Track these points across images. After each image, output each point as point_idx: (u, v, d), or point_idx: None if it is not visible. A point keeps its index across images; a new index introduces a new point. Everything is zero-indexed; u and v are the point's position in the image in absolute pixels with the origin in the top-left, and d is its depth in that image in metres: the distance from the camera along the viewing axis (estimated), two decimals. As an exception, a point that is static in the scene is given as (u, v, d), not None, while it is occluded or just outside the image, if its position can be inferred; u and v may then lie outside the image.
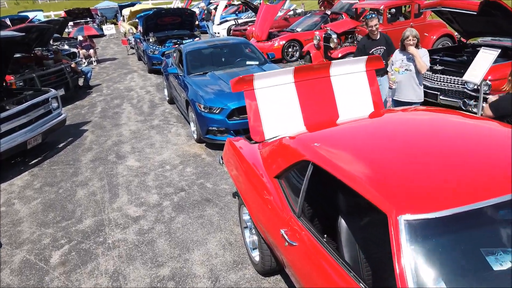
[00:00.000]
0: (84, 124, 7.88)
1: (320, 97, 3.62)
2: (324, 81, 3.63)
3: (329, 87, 3.63)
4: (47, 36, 11.66)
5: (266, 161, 3.02)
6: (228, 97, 5.73)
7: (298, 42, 11.85)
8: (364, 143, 2.34)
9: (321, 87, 3.62)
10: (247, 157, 3.37)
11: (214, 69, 6.92)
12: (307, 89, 3.59)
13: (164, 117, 7.80)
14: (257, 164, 3.14)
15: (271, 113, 3.51)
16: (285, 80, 3.54)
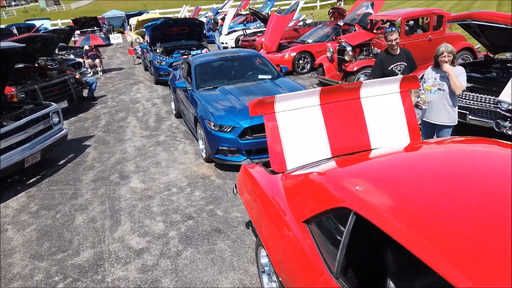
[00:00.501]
0: (87, 139, 7.51)
1: (349, 121, 3.20)
2: (353, 103, 3.21)
3: (359, 110, 3.21)
4: (51, 46, 11.41)
5: (292, 199, 2.59)
6: (240, 115, 5.33)
7: (310, 54, 11.48)
8: (420, 188, 1.90)
9: (350, 110, 3.20)
10: (268, 190, 2.94)
11: (225, 83, 6.54)
12: (335, 112, 3.17)
13: (170, 133, 7.41)
14: (280, 201, 2.71)
15: (294, 140, 3.09)
16: (310, 103, 3.13)
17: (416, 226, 1.61)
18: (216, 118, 5.36)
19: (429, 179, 1.97)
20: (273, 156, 3.06)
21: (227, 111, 5.46)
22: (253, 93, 5.99)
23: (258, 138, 5.23)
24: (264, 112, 3.07)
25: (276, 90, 6.05)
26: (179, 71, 8.14)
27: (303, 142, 3.10)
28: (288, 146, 3.06)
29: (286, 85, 6.27)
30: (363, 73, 8.40)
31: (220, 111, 5.48)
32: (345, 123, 3.19)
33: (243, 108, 5.46)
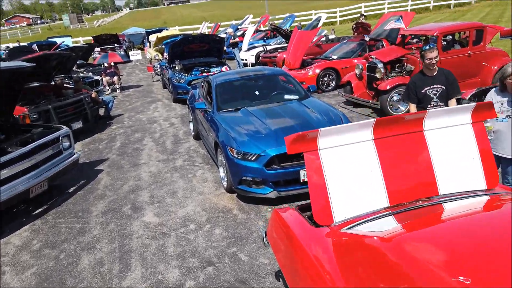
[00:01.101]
0: (100, 162, 7.04)
1: (410, 159, 2.56)
2: (415, 137, 2.58)
3: (423, 146, 2.58)
4: (69, 64, 11.18)
5: (346, 269, 1.96)
6: (266, 141, 4.74)
7: (335, 70, 10.89)
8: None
9: (412, 146, 2.57)
10: (308, 247, 2.32)
11: (248, 104, 5.99)
12: (392, 148, 2.55)
13: (188, 156, 6.87)
14: (327, 263, 2.09)
15: (342, 183, 2.47)
16: (361, 137, 2.51)
17: None
18: (239, 144, 4.79)
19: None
20: (316, 204, 2.44)
21: (251, 136, 4.88)
22: (279, 115, 5.41)
23: (286, 168, 4.63)
24: (305, 150, 2.46)
25: (304, 112, 5.46)
26: (198, 90, 7.66)
27: (354, 187, 2.47)
28: (335, 191, 2.44)
29: (315, 107, 5.67)
30: (397, 92, 7.73)
31: (243, 137, 4.91)
32: (405, 162, 2.55)
33: (269, 133, 4.88)
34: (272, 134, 4.84)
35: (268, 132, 4.91)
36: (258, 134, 4.90)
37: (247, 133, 4.96)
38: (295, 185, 4.72)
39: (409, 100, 4.54)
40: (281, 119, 5.25)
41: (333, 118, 5.21)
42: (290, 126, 5.00)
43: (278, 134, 4.82)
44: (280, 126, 5.02)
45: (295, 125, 5.02)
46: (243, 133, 4.97)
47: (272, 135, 4.83)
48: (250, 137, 4.87)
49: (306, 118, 5.23)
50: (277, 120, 5.25)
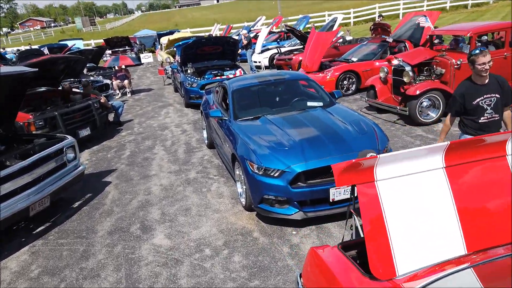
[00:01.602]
0: (108, 173, 6.59)
1: (491, 191, 2.01)
2: (497, 163, 2.03)
3: (507, 174, 2.02)
4: (78, 67, 10.80)
5: None
6: (291, 155, 4.22)
7: (355, 73, 10.31)
8: None
9: (493, 175, 2.02)
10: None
11: (267, 112, 5.47)
12: (468, 178, 2.00)
13: (202, 167, 6.38)
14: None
15: (407, 224, 1.93)
16: (430, 164, 1.98)
17: None
18: (260, 158, 4.27)
19: None
20: (374, 251, 1.90)
21: (273, 149, 4.35)
22: (303, 125, 4.87)
23: (314, 185, 4.10)
24: (358, 181, 1.93)
25: (331, 121, 4.91)
26: (212, 95, 7.17)
27: (421, 228, 1.93)
28: (398, 234, 1.91)
29: (342, 115, 5.12)
30: (427, 98, 7.13)
31: (264, 150, 4.38)
32: (485, 195, 2.01)
33: (293, 145, 4.35)
34: (297, 147, 4.31)
35: (293, 144, 4.37)
36: (282, 147, 4.37)
37: (269, 146, 4.43)
38: (323, 205, 4.18)
39: (454, 113, 3.97)
40: (305, 129, 4.72)
41: (365, 128, 4.65)
42: (317, 138, 4.46)
43: (304, 147, 4.29)
44: (305, 138, 4.48)
45: (322, 136, 4.48)
46: (264, 145, 4.45)
47: (297, 148, 4.29)
48: (272, 150, 4.34)
49: (334, 128, 4.68)
50: (301, 130, 4.71)
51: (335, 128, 4.68)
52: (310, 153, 4.19)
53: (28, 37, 62.28)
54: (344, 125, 4.75)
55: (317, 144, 4.34)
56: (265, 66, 17.01)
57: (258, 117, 5.29)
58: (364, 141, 4.40)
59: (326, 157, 4.13)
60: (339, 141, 4.36)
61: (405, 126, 7.34)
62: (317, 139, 4.43)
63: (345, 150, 4.22)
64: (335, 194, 4.08)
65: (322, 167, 4.08)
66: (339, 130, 4.61)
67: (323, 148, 4.25)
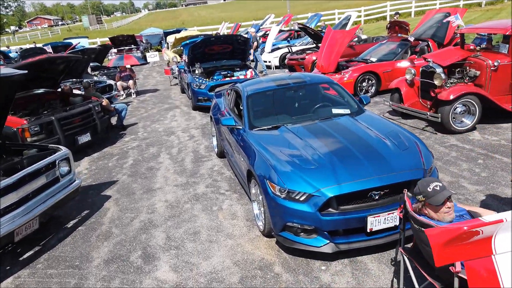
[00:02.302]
0: (108, 186, 5.97)
1: None
2: None
3: None
4: (80, 67, 10.22)
5: None
6: (320, 174, 3.55)
7: (375, 74, 9.60)
8: None
9: None
10: None
11: (287, 120, 4.80)
12: None
13: (212, 180, 5.73)
14: None
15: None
16: None
17: None
18: (283, 178, 3.60)
19: None
20: None
21: (298, 167, 3.68)
22: (331, 136, 4.20)
23: (348, 212, 3.43)
24: (469, 256, 1.26)
25: (362, 132, 4.23)
26: (223, 99, 6.52)
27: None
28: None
29: (376, 125, 4.43)
30: (461, 103, 6.42)
31: (287, 167, 3.72)
32: None
33: (322, 163, 3.68)
34: (327, 165, 3.64)
35: (321, 161, 3.70)
36: (308, 164, 3.70)
37: (293, 162, 3.76)
38: (359, 236, 3.51)
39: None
40: (334, 142, 4.04)
41: (406, 143, 3.96)
42: (349, 153, 3.79)
43: (335, 165, 3.62)
44: (335, 153, 3.81)
45: (355, 151, 3.80)
46: (287, 162, 3.78)
47: (327, 166, 3.62)
48: (297, 168, 3.68)
49: (368, 141, 4.00)
50: (329, 143, 4.04)
51: (369, 141, 3.99)
52: (343, 173, 3.52)
53: (35, 35, 62.22)
54: (380, 137, 4.06)
55: (350, 161, 3.66)
56: (275, 66, 16.35)
57: (277, 126, 4.62)
58: (406, 158, 3.72)
59: (364, 179, 3.45)
60: (376, 158, 3.68)
61: (436, 134, 6.63)
62: (350, 155, 3.76)
63: (385, 169, 3.54)
64: (373, 223, 3.41)
65: (359, 191, 3.42)
66: (375, 144, 3.93)
67: (359, 167, 3.58)
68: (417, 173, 3.57)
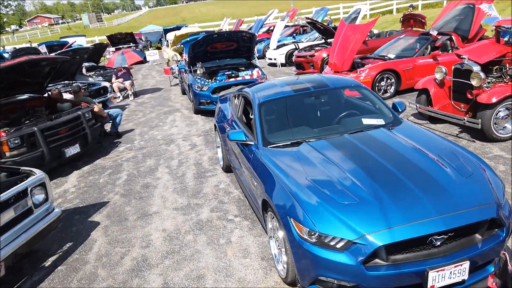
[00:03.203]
0: (97, 208, 5.14)
1: None
2: None
3: None
4: (73, 68, 9.41)
5: None
6: (362, 213, 2.71)
7: (395, 73, 8.72)
8: None
9: None
10: None
11: (308, 134, 3.95)
12: None
13: (218, 202, 4.89)
14: None
15: None
16: None
17: None
18: (312, 216, 2.75)
19: None
20: None
21: (331, 202, 2.83)
22: (368, 156, 3.34)
23: (401, 264, 2.57)
24: None
25: (406, 150, 3.38)
26: (229, 105, 5.68)
27: None
28: None
29: (420, 140, 3.57)
30: (505, 106, 5.55)
31: (315, 199, 2.87)
32: None
33: (364, 196, 2.83)
34: (371, 200, 2.79)
35: (362, 194, 2.85)
36: (345, 198, 2.84)
37: (323, 194, 2.91)
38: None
39: None
40: (374, 166, 3.18)
41: (467, 166, 3.08)
42: (398, 182, 2.93)
43: (382, 200, 2.77)
44: (379, 182, 2.95)
45: (404, 179, 2.94)
46: (316, 193, 2.93)
47: (371, 203, 2.77)
48: (331, 203, 2.82)
49: (418, 165, 3.12)
50: (368, 166, 3.18)
51: (420, 164, 3.13)
52: (393, 211, 2.67)
53: (35, 34, 61.48)
54: (433, 159, 3.20)
55: (401, 194, 2.81)
56: (281, 64, 15.48)
57: (298, 142, 3.77)
58: (472, 190, 2.85)
59: (422, 220, 2.60)
60: (435, 190, 2.82)
61: (474, 142, 5.76)
62: (399, 185, 2.90)
63: (449, 206, 2.68)
64: (436, 279, 2.56)
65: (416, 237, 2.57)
66: (429, 168, 3.06)
67: (414, 203, 2.72)
68: (489, 211, 2.71)
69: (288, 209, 2.94)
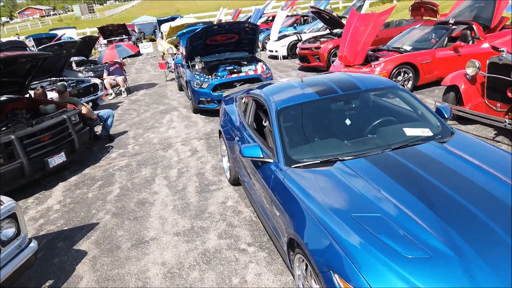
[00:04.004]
0: (84, 232, 4.39)
1: None
2: None
3: None
4: (60, 64, 8.59)
5: None
6: (440, 273, 1.96)
7: (413, 66, 7.97)
8: None
9: None
10: None
11: (340, 148, 3.21)
12: None
13: (226, 225, 4.15)
14: None
15: None
16: None
17: None
18: (367, 274, 2.02)
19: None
20: None
21: (391, 253, 2.09)
22: (425, 182, 2.61)
23: None
24: None
25: (471, 172, 2.65)
26: (236, 108, 4.92)
27: None
28: None
29: (482, 155, 2.85)
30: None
31: (367, 250, 2.13)
32: None
33: (435, 245, 2.10)
34: (449, 253, 2.04)
35: (434, 243, 2.10)
36: (410, 249, 2.09)
37: (380, 242, 2.16)
38: None
39: None
40: (440, 197, 2.43)
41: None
42: (479, 224, 2.20)
43: (464, 251, 2.04)
44: (451, 222, 2.22)
45: (486, 219, 2.21)
46: (370, 240, 2.19)
47: (450, 257, 2.02)
48: (394, 258, 2.07)
49: (493, 193, 2.40)
50: (432, 197, 2.43)
51: (496, 193, 2.40)
52: (484, 270, 1.94)
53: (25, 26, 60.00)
54: (508, 184, 2.47)
55: (485, 241, 2.08)
56: (283, 56, 14.68)
57: (330, 161, 3.03)
58: None
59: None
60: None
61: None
62: (479, 227, 2.17)
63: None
64: None
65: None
66: (508, 198, 2.34)
67: (505, 255, 2.00)
68: None
69: (331, 260, 2.21)
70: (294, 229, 2.60)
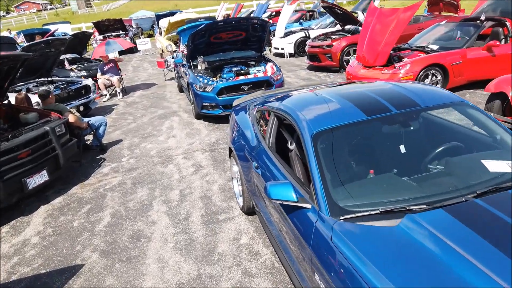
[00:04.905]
0: (65, 279, 3.55)
1: None
2: None
3: None
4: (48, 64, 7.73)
5: None
6: None
7: (441, 68, 7.12)
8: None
9: None
10: None
11: (403, 189, 2.37)
12: None
13: (242, 272, 3.32)
14: None
15: None
16: None
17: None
18: None
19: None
20: None
21: None
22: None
23: None
24: None
25: None
26: (250, 121, 4.07)
27: None
28: None
29: None
30: None
31: None
32: None
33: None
34: None
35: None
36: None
37: None
38: None
39: None
40: None
41: None
42: None
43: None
44: None
45: None
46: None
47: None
48: None
49: None
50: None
51: None
52: None
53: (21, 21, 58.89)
54: None
55: None
56: (289, 54, 13.81)
57: (394, 211, 2.18)
58: None
59: None
60: None
61: None
62: None
63: None
64: None
65: None
66: None
67: None
68: None
69: None
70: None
